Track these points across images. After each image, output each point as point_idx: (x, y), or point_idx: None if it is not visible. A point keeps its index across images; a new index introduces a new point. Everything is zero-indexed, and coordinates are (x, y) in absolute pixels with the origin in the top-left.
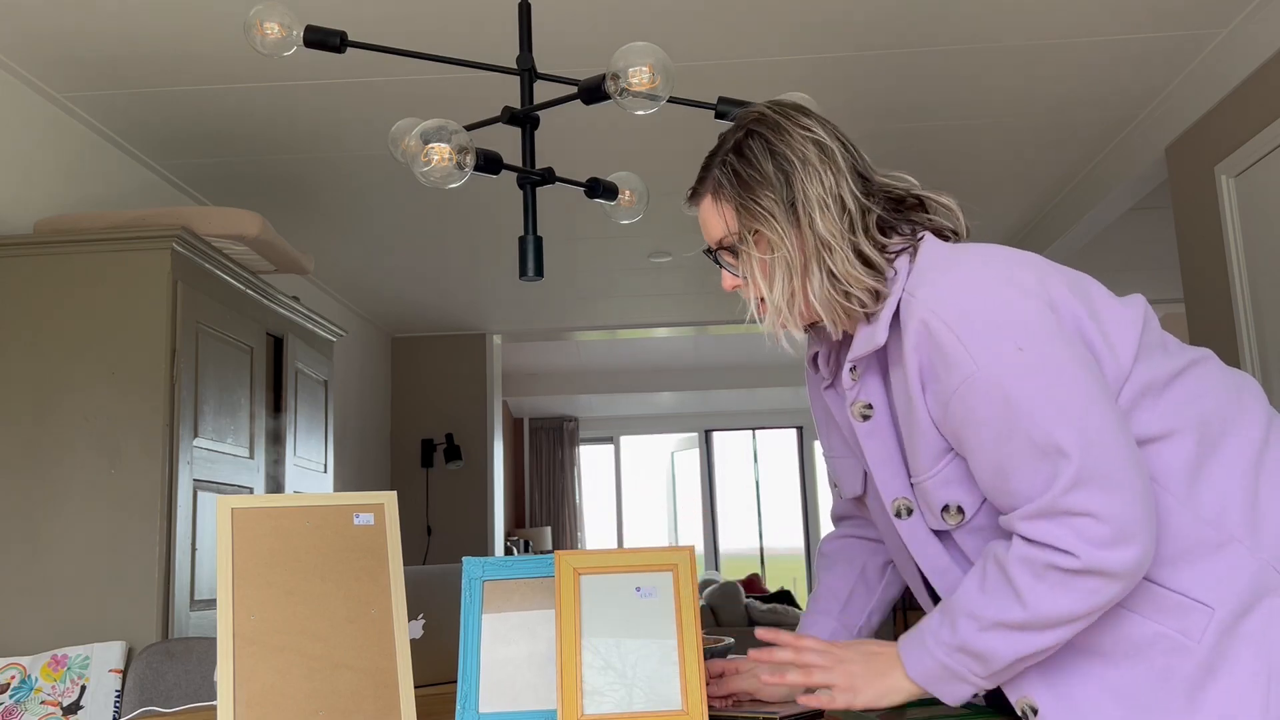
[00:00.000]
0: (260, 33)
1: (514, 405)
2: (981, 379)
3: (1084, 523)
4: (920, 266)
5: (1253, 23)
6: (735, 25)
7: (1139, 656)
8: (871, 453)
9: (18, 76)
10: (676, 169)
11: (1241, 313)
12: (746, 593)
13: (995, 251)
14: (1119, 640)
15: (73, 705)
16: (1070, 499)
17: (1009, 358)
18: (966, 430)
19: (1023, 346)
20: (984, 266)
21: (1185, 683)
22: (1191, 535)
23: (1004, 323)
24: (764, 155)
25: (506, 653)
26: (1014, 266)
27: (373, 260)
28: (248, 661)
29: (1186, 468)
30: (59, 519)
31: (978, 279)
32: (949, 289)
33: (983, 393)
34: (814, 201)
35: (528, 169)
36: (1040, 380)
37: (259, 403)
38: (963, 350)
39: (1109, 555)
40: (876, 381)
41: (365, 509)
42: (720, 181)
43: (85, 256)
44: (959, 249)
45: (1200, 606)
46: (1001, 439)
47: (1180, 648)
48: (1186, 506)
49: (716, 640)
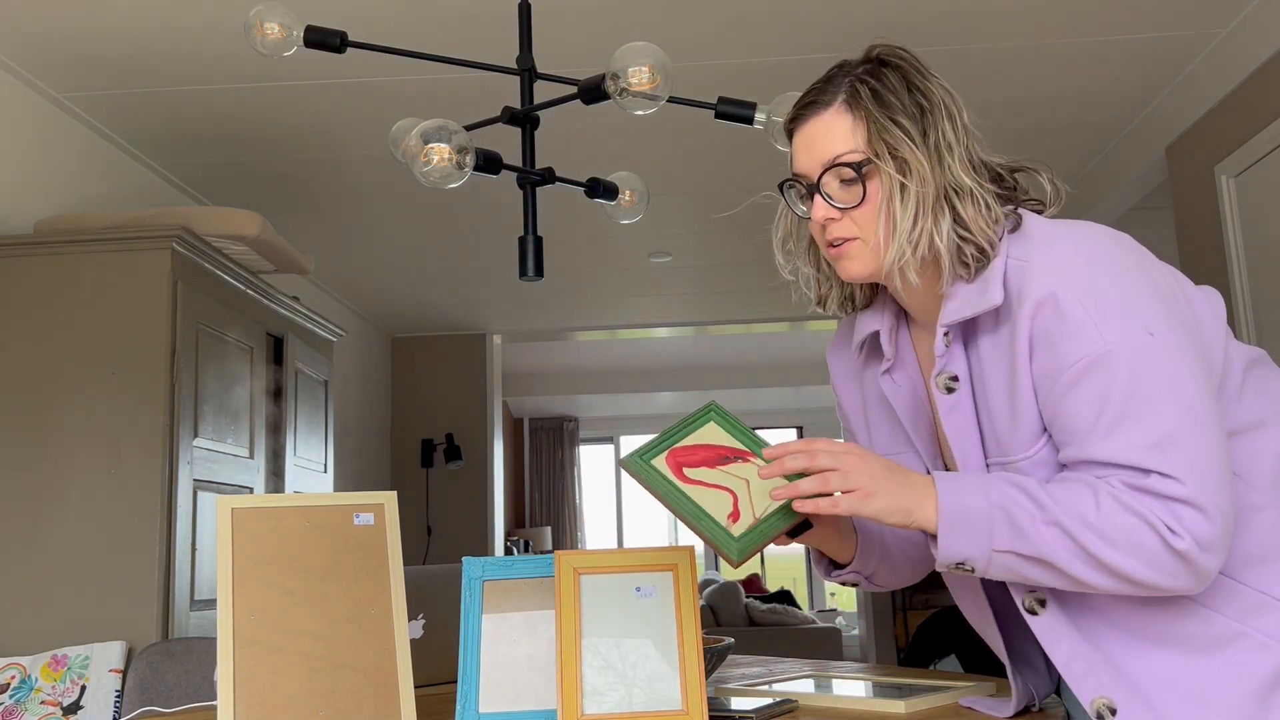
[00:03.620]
0: (260, 33)
1: (514, 405)
2: (1111, 358)
3: (1183, 510)
4: (1028, 235)
5: (1253, 22)
6: (735, 25)
7: (1218, 655)
8: (954, 429)
9: (18, 76)
10: (676, 169)
11: (1242, 313)
12: (746, 593)
13: (1108, 230)
14: (1200, 638)
15: (73, 705)
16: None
17: (1140, 340)
18: (1073, 407)
19: (1154, 331)
20: (1113, 244)
21: (1263, 683)
22: (1274, 533)
23: (1138, 305)
24: (901, 87)
25: (506, 653)
26: (1137, 247)
27: (373, 260)
28: (248, 661)
29: (1270, 463)
30: (59, 519)
31: (1108, 255)
32: (1078, 261)
33: (1108, 372)
34: (948, 144)
35: (528, 169)
36: (1169, 368)
37: (259, 403)
38: (1093, 326)
39: (1201, 555)
40: (960, 352)
41: (365, 509)
42: (857, 92)
43: (85, 256)
44: (1066, 223)
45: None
46: (1114, 421)
47: (1261, 646)
48: (1270, 502)
49: (716, 640)
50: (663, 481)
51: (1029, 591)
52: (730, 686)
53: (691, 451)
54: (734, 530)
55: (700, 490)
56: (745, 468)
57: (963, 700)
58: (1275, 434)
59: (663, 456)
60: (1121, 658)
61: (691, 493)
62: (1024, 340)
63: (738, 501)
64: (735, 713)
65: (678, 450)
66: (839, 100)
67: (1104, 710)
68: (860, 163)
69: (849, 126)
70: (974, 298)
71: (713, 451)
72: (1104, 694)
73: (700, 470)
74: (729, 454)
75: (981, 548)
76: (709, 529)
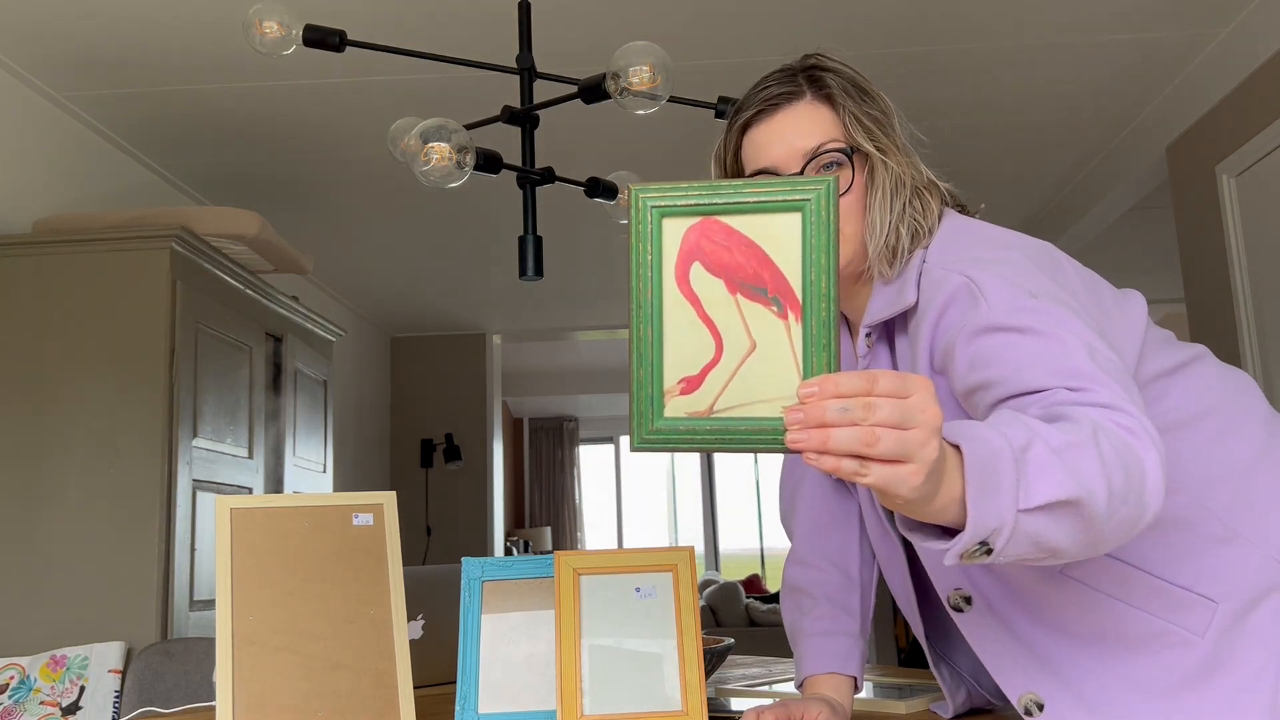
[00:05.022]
0: (260, 31)
1: (514, 405)
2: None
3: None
4: (940, 236)
5: (1253, 22)
6: (735, 25)
7: (1144, 651)
8: None
9: (18, 76)
10: (676, 169)
11: (1242, 313)
12: (746, 593)
13: (1021, 234)
14: (1124, 635)
15: (72, 706)
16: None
17: (1023, 301)
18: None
19: (1036, 294)
20: (1020, 239)
21: (1190, 677)
22: (1197, 530)
23: (1029, 280)
24: (855, 91)
25: (506, 653)
26: (1047, 246)
27: (373, 260)
28: (247, 662)
29: (1191, 464)
30: (58, 519)
31: (1015, 247)
32: (981, 252)
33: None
34: (909, 143)
35: (527, 168)
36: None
37: (258, 402)
38: (985, 304)
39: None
40: (884, 352)
41: (364, 509)
42: (828, 84)
43: (84, 256)
44: (973, 221)
45: (1204, 601)
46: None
47: (1184, 642)
48: (1194, 500)
49: (716, 640)
50: (652, 265)
51: (954, 588)
52: (730, 687)
53: (728, 242)
54: (672, 403)
55: (685, 315)
56: (768, 317)
57: (931, 705)
58: (1200, 433)
59: (689, 221)
60: (1050, 653)
61: (671, 311)
62: (926, 339)
63: (717, 359)
64: (735, 713)
65: (713, 227)
66: (809, 93)
67: (1031, 706)
68: (847, 149)
69: (828, 117)
70: (892, 299)
71: (751, 261)
72: (1031, 689)
73: (712, 283)
74: (767, 280)
75: (1009, 506)
76: (640, 383)
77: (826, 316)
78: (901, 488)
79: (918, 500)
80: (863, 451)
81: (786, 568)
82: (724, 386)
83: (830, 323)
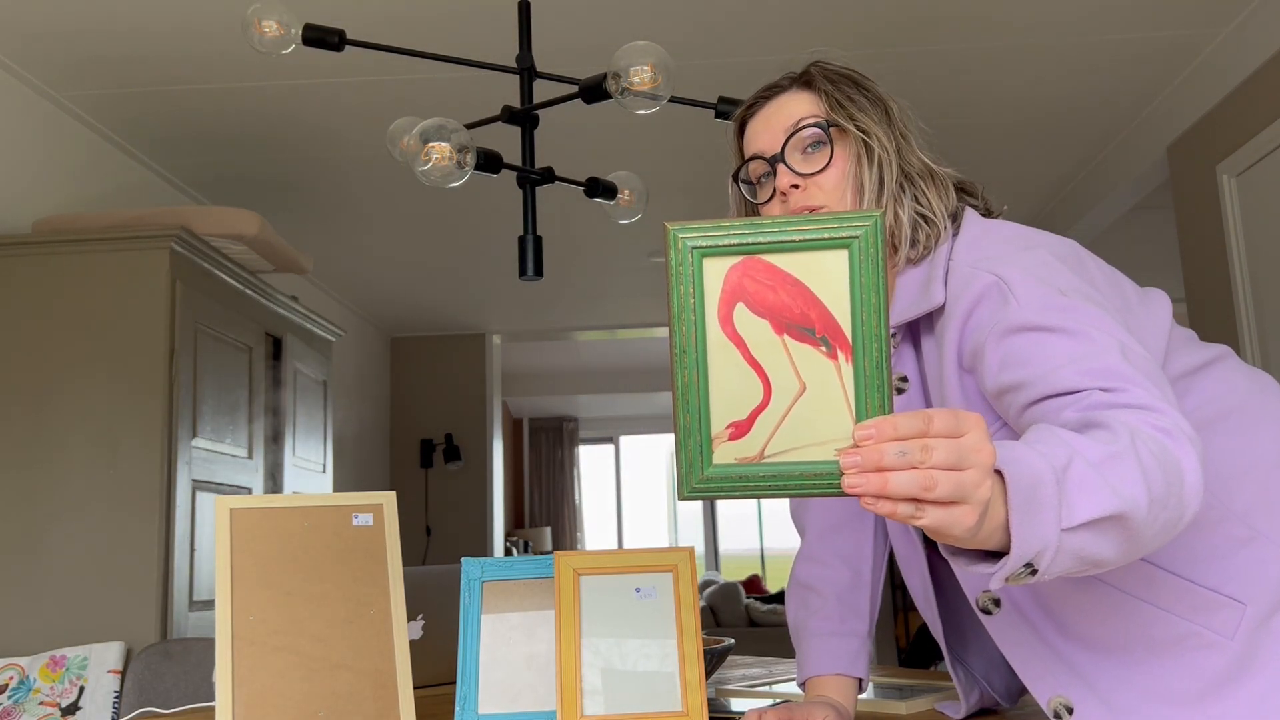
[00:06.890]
0: (259, 30)
1: (514, 405)
2: (1026, 319)
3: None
4: (967, 234)
5: (1253, 22)
6: (735, 25)
7: (1171, 654)
8: None
9: (18, 76)
10: (676, 169)
11: (1243, 312)
12: (746, 593)
13: (1047, 233)
14: (1151, 638)
15: (71, 706)
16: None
17: (1054, 299)
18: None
19: (1066, 292)
20: (1047, 238)
21: (1217, 679)
22: (1221, 530)
23: (1059, 279)
24: (850, 85)
25: (506, 653)
26: (1075, 246)
27: (372, 260)
28: (246, 662)
29: (1216, 463)
30: (57, 519)
31: (1043, 245)
32: (1007, 250)
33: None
34: (906, 130)
35: (527, 168)
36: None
37: (258, 403)
38: (1015, 303)
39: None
40: (909, 352)
41: (364, 509)
42: (812, 74)
43: (84, 256)
44: (1001, 222)
45: (1231, 602)
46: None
47: (1212, 644)
48: (1218, 500)
49: (717, 641)
50: (695, 307)
51: (983, 590)
52: (730, 687)
53: (773, 281)
54: (721, 449)
55: (730, 358)
56: (816, 358)
57: (937, 705)
58: (1222, 434)
59: (731, 261)
60: (1076, 659)
61: (715, 355)
62: (954, 338)
63: (766, 403)
64: (736, 714)
65: (756, 266)
66: (794, 86)
67: (1061, 709)
68: (826, 123)
69: (811, 100)
70: (918, 298)
71: (798, 301)
72: (1061, 693)
73: (757, 324)
74: (814, 319)
75: (1052, 527)
76: (687, 430)
77: (879, 357)
78: (956, 529)
79: (964, 541)
80: (920, 496)
81: (796, 563)
82: (774, 430)
83: (884, 363)
